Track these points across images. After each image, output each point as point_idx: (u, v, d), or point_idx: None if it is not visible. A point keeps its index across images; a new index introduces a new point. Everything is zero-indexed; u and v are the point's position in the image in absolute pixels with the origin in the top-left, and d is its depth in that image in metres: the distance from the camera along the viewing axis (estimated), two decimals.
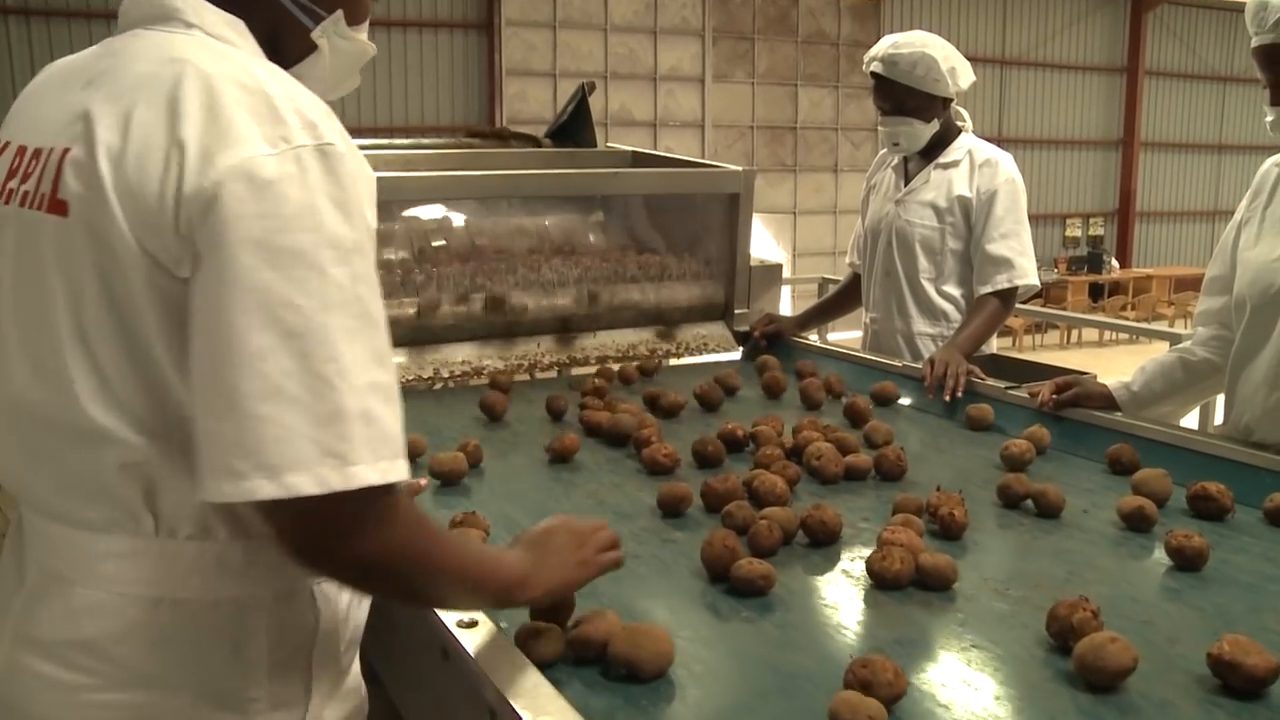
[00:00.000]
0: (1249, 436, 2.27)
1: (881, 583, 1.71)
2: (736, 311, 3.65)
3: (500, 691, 1.27)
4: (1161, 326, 13.17)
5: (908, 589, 1.71)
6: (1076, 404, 2.53)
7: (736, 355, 3.57)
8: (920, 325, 3.34)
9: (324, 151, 1.09)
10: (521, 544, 1.39)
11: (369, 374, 1.08)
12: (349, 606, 1.32)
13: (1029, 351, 14.37)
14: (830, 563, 1.84)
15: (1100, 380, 2.63)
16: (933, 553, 1.75)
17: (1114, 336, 15.69)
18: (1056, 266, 17.40)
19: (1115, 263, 18.07)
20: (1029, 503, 2.08)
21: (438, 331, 3.21)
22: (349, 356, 1.06)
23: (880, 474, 2.26)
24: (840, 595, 1.72)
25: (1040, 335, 16.04)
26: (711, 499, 2.04)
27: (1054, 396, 2.54)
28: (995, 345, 3.51)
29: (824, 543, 1.89)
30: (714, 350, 3.56)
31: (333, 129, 1.12)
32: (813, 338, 3.83)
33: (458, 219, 3.42)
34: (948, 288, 3.32)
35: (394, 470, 1.09)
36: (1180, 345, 2.55)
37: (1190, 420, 3.08)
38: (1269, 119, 2.14)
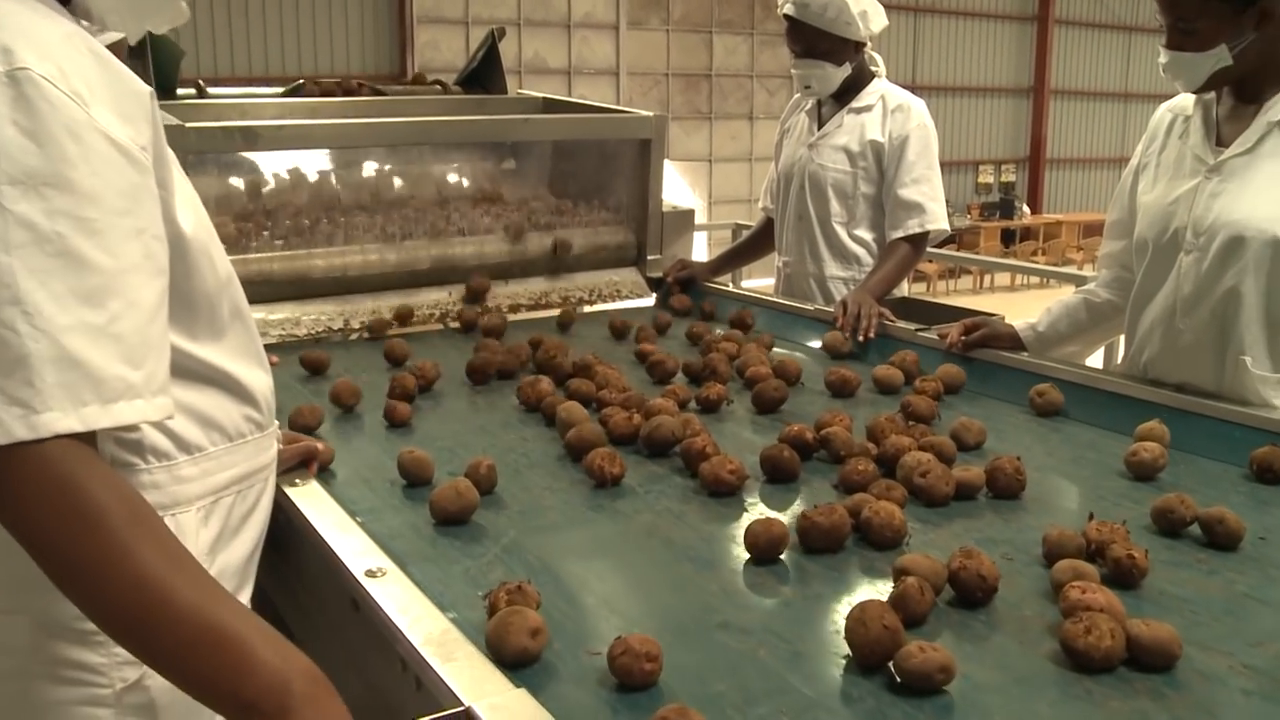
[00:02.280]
0: (1146, 374, 2.29)
1: (1087, 663, 1.26)
2: (649, 258, 3.57)
3: (411, 641, 1.23)
4: (1071, 270, 13.19)
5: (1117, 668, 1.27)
6: (984, 345, 2.53)
7: (649, 301, 3.48)
8: (832, 269, 3.29)
9: (13, 78, 1.01)
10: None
11: (72, 314, 0.99)
12: (214, 541, 1.28)
13: (943, 296, 14.25)
14: (991, 630, 1.38)
15: (1008, 322, 2.63)
16: (1144, 619, 1.30)
17: (1025, 281, 15.71)
18: (969, 213, 17.31)
19: (1026, 209, 18.05)
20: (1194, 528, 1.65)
21: (348, 281, 3.09)
22: (39, 297, 0.98)
23: (993, 491, 1.82)
24: (1036, 688, 1.26)
25: (954, 280, 15.97)
26: (814, 538, 1.57)
27: (963, 338, 2.54)
28: (908, 289, 3.53)
29: (977, 602, 1.44)
30: (627, 296, 3.48)
31: (37, 54, 1.03)
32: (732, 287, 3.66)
33: (367, 167, 3.30)
34: (860, 231, 3.27)
35: (105, 415, 1.00)
36: (1084, 287, 2.55)
37: (1096, 360, 3.07)
38: (1162, 60, 2.12)
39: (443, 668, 1.18)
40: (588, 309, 3.34)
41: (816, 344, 2.86)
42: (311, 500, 1.69)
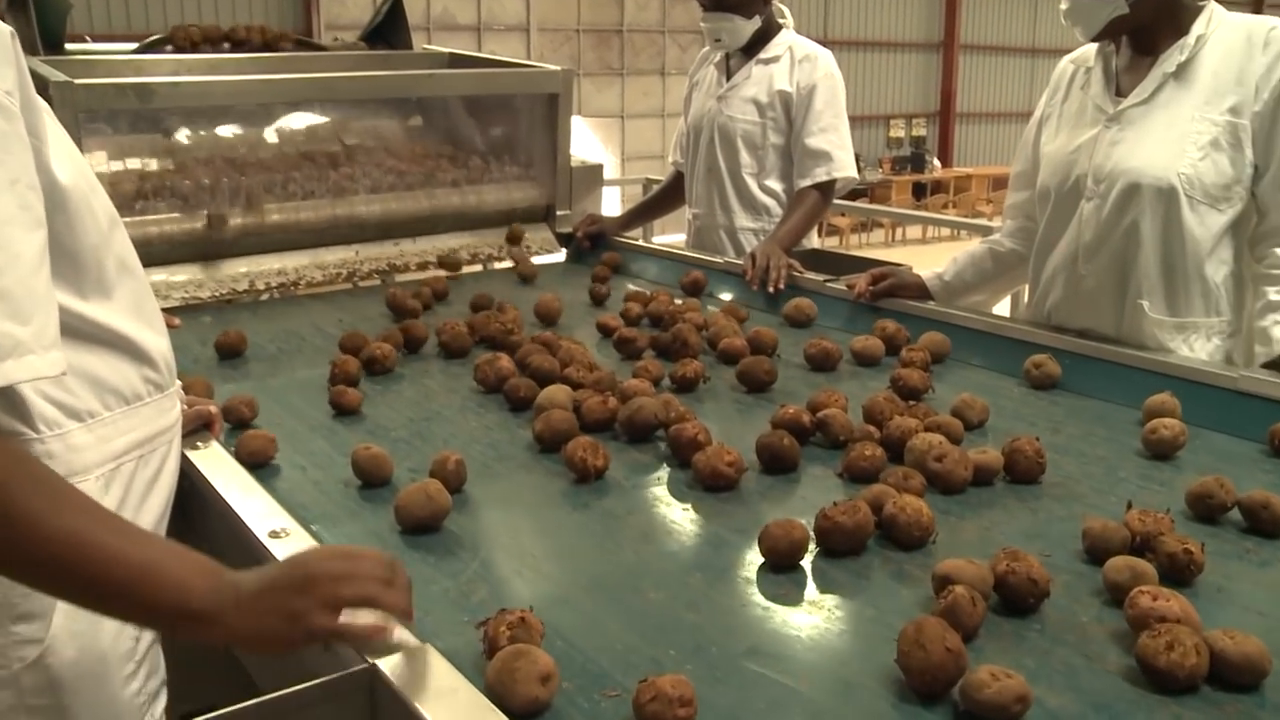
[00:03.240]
0: (1050, 320, 2.31)
1: (1169, 684, 1.11)
2: (559, 213, 3.52)
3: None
4: (982, 222, 13.24)
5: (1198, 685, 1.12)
6: (892, 294, 2.54)
7: (560, 257, 3.44)
8: (743, 220, 3.26)
9: None
10: (260, 569, 1.07)
11: None
12: (116, 509, 1.21)
13: (855, 250, 14.26)
14: (1051, 643, 1.22)
15: (915, 272, 2.64)
16: (1226, 631, 1.16)
17: (936, 233, 15.80)
18: (881, 167, 17.32)
19: (937, 162, 18.13)
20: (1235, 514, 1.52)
21: (252, 242, 2.97)
22: None
23: (1011, 476, 1.66)
24: (1118, 715, 1.09)
25: (866, 234, 15.99)
26: (837, 540, 1.40)
27: (870, 288, 2.54)
28: (820, 242, 3.62)
29: (1028, 609, 1.28)
30: (538, 252, 3.42)
31: None
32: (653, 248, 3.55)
33: (269, 125, 3.21)
34: (770, 182, 3.24)
35: None
36: (989, 237, 2.55)
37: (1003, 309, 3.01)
38: (1063, 7, 2.12)
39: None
40: (498, 266, 3.31)
41: (728, 296, 2.84)
42: (214, 463, 1.59)
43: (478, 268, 3.28)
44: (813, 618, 1.27)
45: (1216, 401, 1.92)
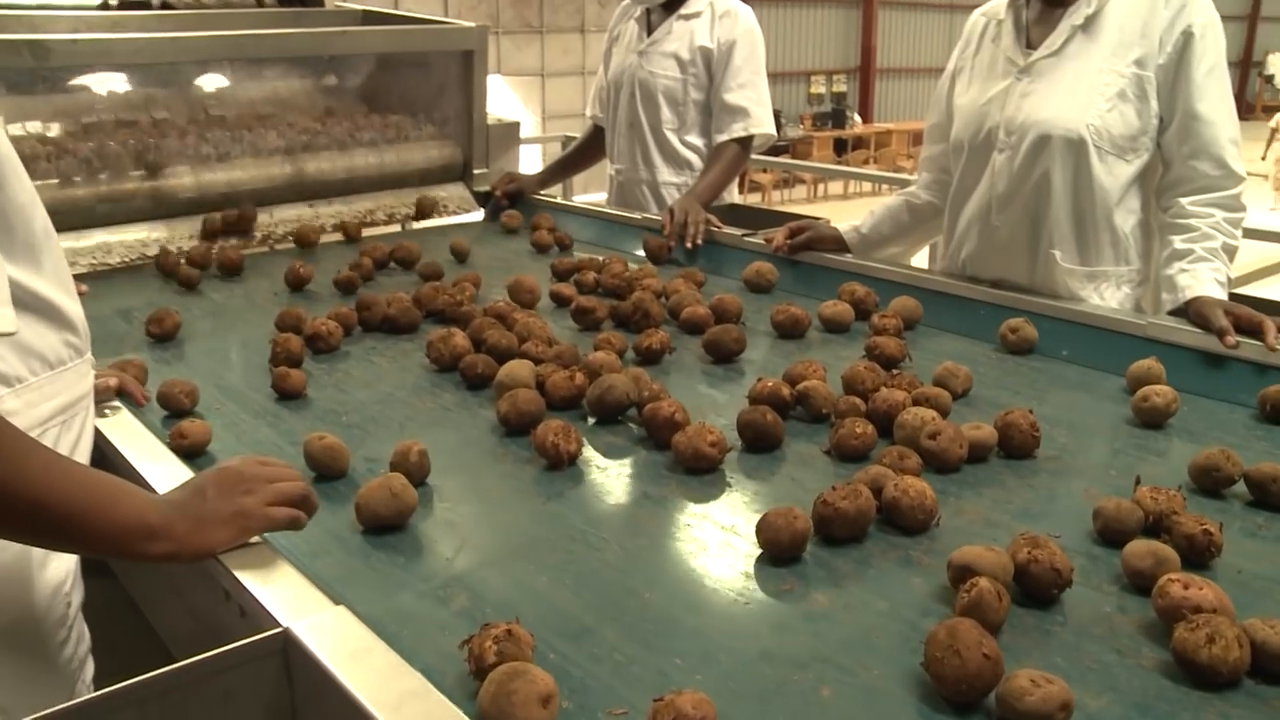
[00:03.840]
0: (965, 270, 2.33)
1: (1212, 679, 1.04)
2: (476, 172, 3.48)
3: (233, 573, 1.15)
4: (904, 177, 13.28)
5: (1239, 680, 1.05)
6: (809, 247, 2.55)
7: (478, 216, 3.38)
8: (665, 174, 3.26)
9: None
10: (181, 488, 1.19)
11: None
12: None
13: (777, 205, 14.25)
14: (1079, 637, 1.14)
15: (833, 225, 2.65)
16: (1266, 620, 1.08)
17: (858, 188, 15.84)
18: (802, 123, 17.27)
19: (858, 118, 18.13)
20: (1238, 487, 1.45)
21: (163, 205, 2.86)
22: None
23: (1006, 451, 1.58)
24: (1163, 717, 1.01)
25: (788, 190, 15.97)
26: (839, 527, 1.30)
27: (788, 241, 2.55)
28: (743, 198, 3.64)
29: (1049, 600, 1.19)
30: (455, 212, 3.36)
31: None
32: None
33: (178, 85, 3.11)
34: (690, 137, 3.24)
35: None
36: (905, 189, 2.57)
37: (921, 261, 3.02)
38: None
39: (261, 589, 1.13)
40: (416, 225, 3.25)
41: (643, 253, 2.80)
42: (123, 430, 1.57)
43: (395, 228, 3.21)
44: (823, 615, 1.17)
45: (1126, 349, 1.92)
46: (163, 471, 1.42)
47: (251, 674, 1.04)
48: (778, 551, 1.26)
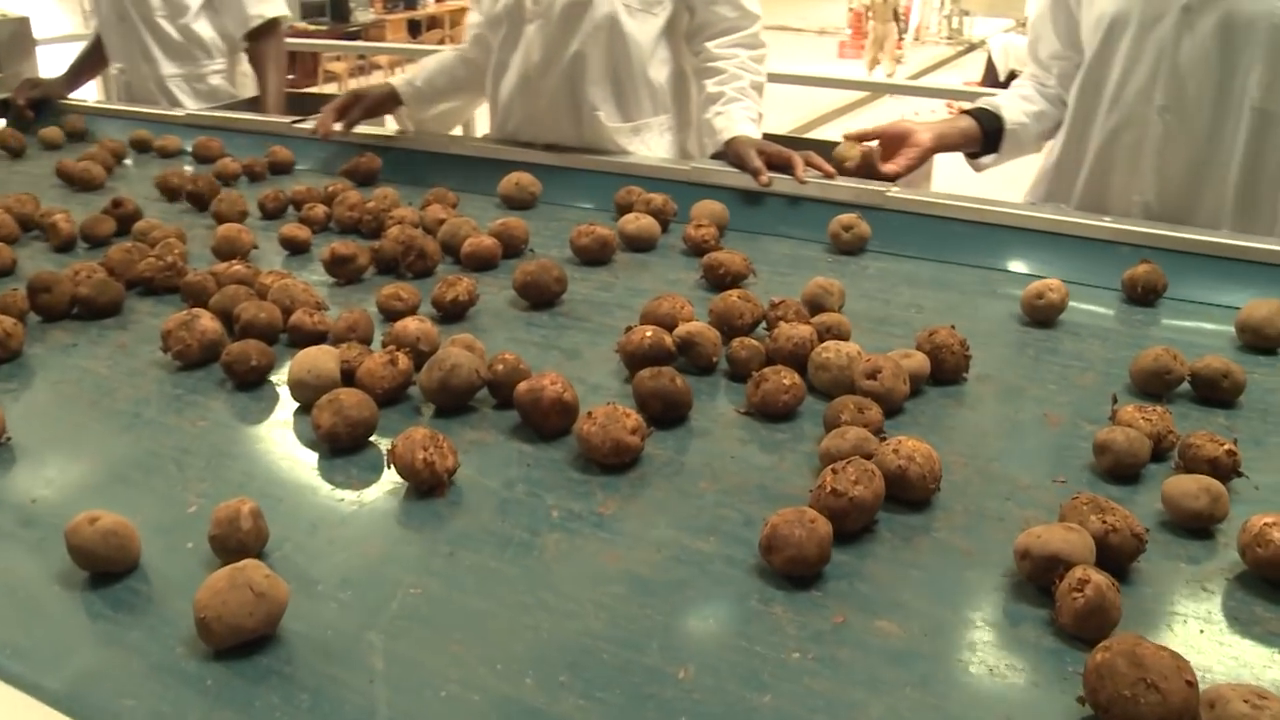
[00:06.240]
0: (518, 138, 2.34)
1: None
2: None
3: None
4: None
5: None
6: (368, 116, 2.43)
7: None
8: (169, 68, 3.00)
9: None
10: None
11: None
12: None
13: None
14: (1188, 616, 0.95)
15: (387, 82, 2.51)
16: None
17: None
18: (373, 6, 16.23)
19: None
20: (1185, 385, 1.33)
21: None
22: None
23: (936, 377, 1.36)
24: None
25: (366, 77, 15.03)
26: (853, 520, 1.02)
27: (338, 120, 2.40)
28: (320, 88, 3.52)
29: (1124, 574, 0.99)
30: None
31: None
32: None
33: None
34: (185, 21, 2.98)
35: None
36: (458, 47, 2.53)
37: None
38: None
39: None
40: None
41: (206, 169, 2.42)
42: None
43: None
44: (906, 654, 0.89)
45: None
46: None
47: None
48: (804, 570, 0.97)
